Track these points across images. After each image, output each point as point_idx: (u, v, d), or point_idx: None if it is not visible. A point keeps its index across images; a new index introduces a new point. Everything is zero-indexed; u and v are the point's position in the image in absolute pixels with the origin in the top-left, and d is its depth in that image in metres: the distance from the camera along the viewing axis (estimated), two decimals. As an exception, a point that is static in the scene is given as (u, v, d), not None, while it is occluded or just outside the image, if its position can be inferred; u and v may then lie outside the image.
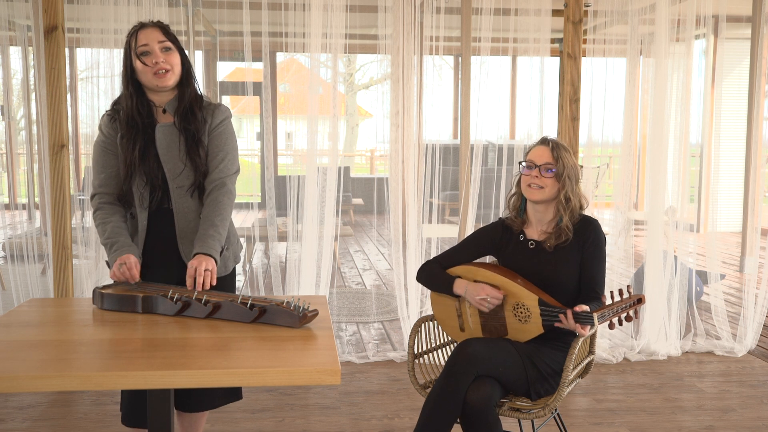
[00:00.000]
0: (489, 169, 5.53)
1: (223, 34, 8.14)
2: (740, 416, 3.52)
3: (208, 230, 2.31)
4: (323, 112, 4.62)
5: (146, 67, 2.32)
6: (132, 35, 2.35)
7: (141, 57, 2.33)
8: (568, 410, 3.56)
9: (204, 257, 2.24)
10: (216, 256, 2.28)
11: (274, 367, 1.67)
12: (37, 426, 3.33)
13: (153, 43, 2.33)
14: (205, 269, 2.20)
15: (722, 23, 4.81)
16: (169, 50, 2.36)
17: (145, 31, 2.35)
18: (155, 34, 2.34)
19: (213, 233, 2.30)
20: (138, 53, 2.33)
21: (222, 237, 2.34)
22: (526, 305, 2.46)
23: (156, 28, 2.36)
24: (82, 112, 5.13)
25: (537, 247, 2.58)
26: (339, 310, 5.44)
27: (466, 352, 2.38)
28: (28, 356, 1.72)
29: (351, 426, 3.37)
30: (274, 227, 4.61)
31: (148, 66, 2.32)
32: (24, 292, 4.50)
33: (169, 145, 2.35)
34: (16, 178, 7.00)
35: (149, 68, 2.32)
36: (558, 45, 6.06)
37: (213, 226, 2.32)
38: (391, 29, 4.64)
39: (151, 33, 2.34)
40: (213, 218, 2.33)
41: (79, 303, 2.28)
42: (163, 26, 2.39)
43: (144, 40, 2.33)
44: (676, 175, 4.79)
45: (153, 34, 2.34)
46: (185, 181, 2.37)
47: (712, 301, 4.83)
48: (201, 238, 2.30)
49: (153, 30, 2.35)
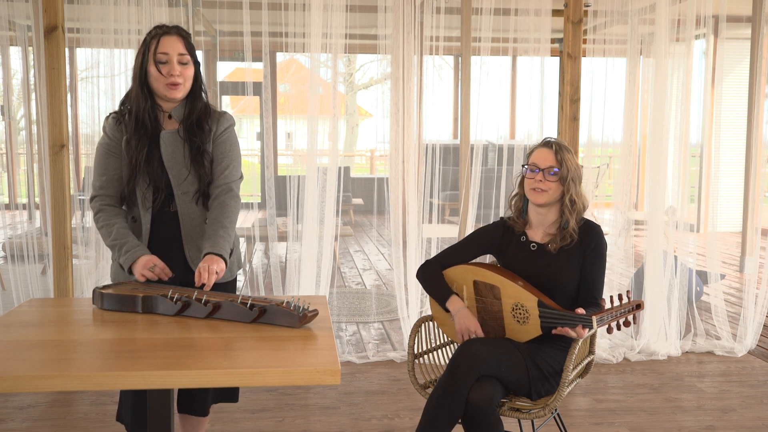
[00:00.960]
0: (489, 169, 5.54)
1: (223, 34, 8.13)
2: (740, 416, 3.52)
3: (218, 231, 2.30)
4: (323, 112, 4.62)
5: (161, 75, 2.30)
6: (154, 38, 2.31)
7: (158, 64, 2.29)
8: (568, 410, 3.56)
9: (215, 258, 2.24)
10: (226, 256, 2.28)
11: (274, 367, 1.67)
12: (37, 426, 3.33)
13: (173, 54, 2.30)
14: (216, 271, 2.20)
15: (722, 23, 4.81)
16: (186, 64, 2.33)
17: (168, 38, 2.31)
18: (177, 45, 2.31)
19: (223, 234, 2.30)
20: (156, 60, 2.29)
21: (231, 238, 2.34)
22: (525, 306, 2.45)
23: (179, 39, 2.32)
24: (82, 112, 5.13)
25: (539, 249, 2.58)
26: (339, 310, 5.44)
27: (469, 352, 2.38)
28: (28, 356, 1.72)
29: (351, 426, 3.37)
30: (274, 227, 4.61)
31: (163, 75, 2.30)
32: (24, 292, 4.50)
33: (173, 151, 2.34)
34: (16, 178, 7.00)
35: (163, 78, 2.30)
36: (558, 45, 6.06)
37: (222, 227, 2.31)
38: (391, 29, 4.64)
39: (174, 43, 2.31)
40: (222, 220, 2.32)
41: (79, 303, 2.28)
42: (185, 36, 2.35)
43: (165, 48, 2.30)
44: (676, 175, 4.79)
45: (175, 45, 2.31)
46: (190, 187, 2.36)
47: (712, 301, 4.82)
48: (211, 238, 2.29)
49: (176, 40, 2.32)
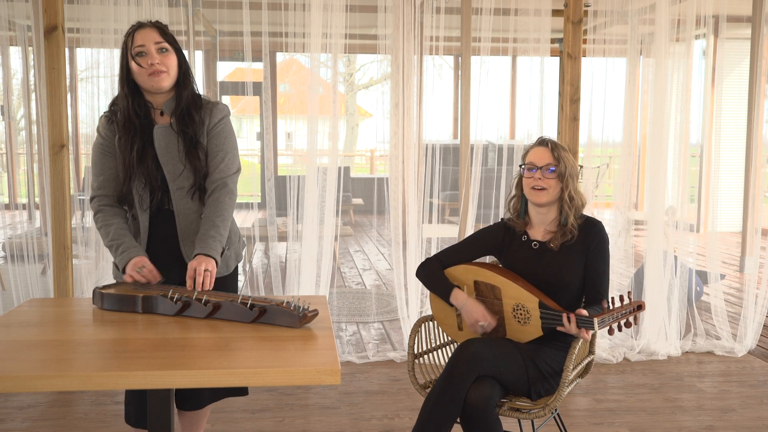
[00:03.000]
0: (489, 169, 5.53)
1: (223, 34, 8.14)
2: (740, 416, 3.52)
3: (209, 231, 2.30)
4: (323, 112, 4.62)
5: (141, 68, 2.29)
6: (129, 35, 2.32)
7: (136, 58, 2.29)
8: (568, 410, 3.56)
9: (204, 258, 2.24)
10: (216, 256, 2.28)
11: (275, 367, 1.67)
12: (37, 426, 3.33)
13: (149, 44, 2.29)
14: (205, 269, 2.20)
15: (722, 23, 4.80)
16: (166, 51, 2.32)
17: (142, 31, 2.30)
18: (152, 35, 2.30)
19: (214, 234, 2.30)
20: (133, 54, 2.29)
21: (223, 238, 2.33)
22: (526, 307, 2.45)
23: (153, 29, 2.32)
24: (82, 112, 5.13)
25: (541, 248, 2.58)
26: (339, 310, 5.44)
27: (468, 351, 2.38)
28: (28, 356, 1.72)
29: (351, 426, 3.37)
30: (274, 227, 4.61)
31: (143, 67, 2.28)
32: (24, 292, 4.50)
33: (167, 146, 2.33)
34: (16, 178, 7.00)
35: (144, 69, 2.29)
36: (558, 45, 6.06)
37: (214, 227, 2.31)
38: (391, 29, 4.64)
39: (148, 34, 2.30)
40: (214, 219, 2.32)
41: (79, 303, 2.28)
42: (161, 26, 2.35)
43: (140, 40, 2.29)
44: (676, 175, 4.79)
45: (150, 35, 2.30)
46: (185, 182, 2.35)
47: (712, 301, 4.82)
48: (202, 238, 2.29)
49: (150, 30, 2.31)
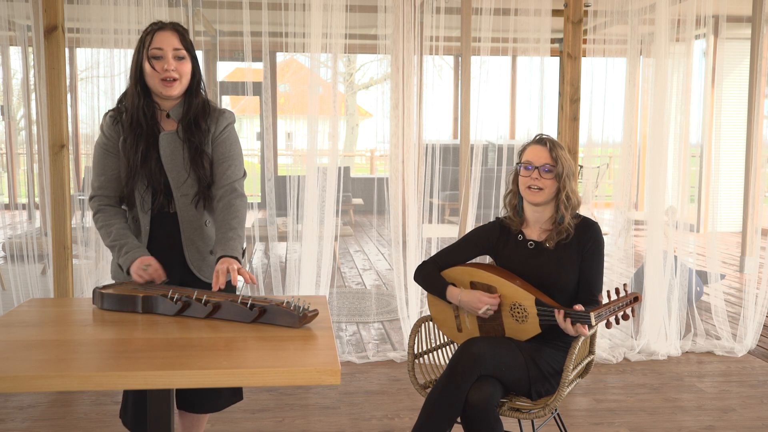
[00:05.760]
0: (489, 169, 5.53)
1: (223, 34, 8.13)
2: (740, 416, 3.52)
3: (228, 233, 2.26)
4: (323, 112, 4.62)
5: (155, 72, 2.24)
6: (148, 34, 2.26)
7: (152, 60, 2.24)
8: (568, 410, 3.56)
9: (228, 259, 2.20)
10: (239, 257, 2.25)
11: (275, 367, 1.66)
12: (37, 426, 3.33)
13: (168, 49, 2.24)
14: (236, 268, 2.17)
15: (722, 23, 4.81)
16: (183, 59, 2.27)
17: (162, 33, 2.25)
18: (172, 40, 2.26)
19: (233, 235, 2.27)
20: (150, 55, 2.24)
21: (242, 239, 2.30)
22: (523, 305, 2.45)
23: (174, 34, 2.27)
24: (82, 112, 5.13)
25: (536, 247, 2.58)
26: (339, 310, 5.44)
27: (470, 351, 2.38)
28: (28, 356, 1.72)
29: (351, 426, 3.37)
30: (274, 227, 4.61)
31: (157, 71, 2.24)
32: (24, 292, 4.49)
33: (172, 153, 2.30)
34: (16, 178, 7.00)
35: (157, 74, 2.24)
36: (558, 45, 6.06)
37: (232, 229, 2.28)
38: (391, 29, 4.64)
39: (168, 38, 2.25)
40: (230, 221, 2.29)
41: (79, 303, 2.28)
42: (181, 31, 2.29)
43: (159, 43, 2.24)
44: (676, 175, 4.79)
45: (169, 39, 2.25)
46: (189, 190, 2.33)
47: (712, 301, 4.82)
48: (221, 241, 2.25)
49: (171, 35, 2.26)
